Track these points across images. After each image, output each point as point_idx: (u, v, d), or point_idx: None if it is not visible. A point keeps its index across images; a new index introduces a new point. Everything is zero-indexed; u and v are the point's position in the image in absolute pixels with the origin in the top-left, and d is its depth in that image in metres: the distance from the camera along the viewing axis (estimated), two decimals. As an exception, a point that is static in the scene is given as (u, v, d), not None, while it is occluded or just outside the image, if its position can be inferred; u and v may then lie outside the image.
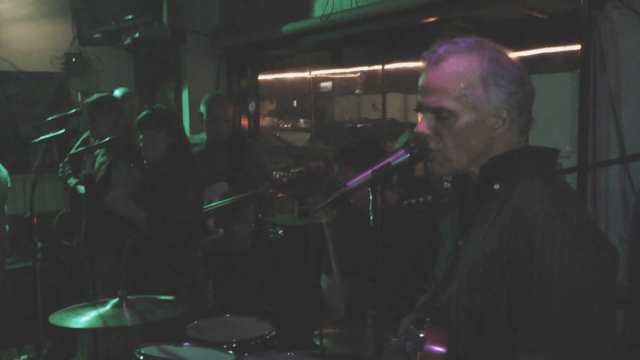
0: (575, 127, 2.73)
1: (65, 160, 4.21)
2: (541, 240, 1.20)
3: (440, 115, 1.36)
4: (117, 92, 4.60)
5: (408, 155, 1.36)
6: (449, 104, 1.34)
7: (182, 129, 3.24)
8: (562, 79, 2.93)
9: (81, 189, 4.00)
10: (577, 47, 2.83)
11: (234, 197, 3.68)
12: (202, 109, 3.93)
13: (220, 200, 3.71)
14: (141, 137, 3.08)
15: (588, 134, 2.67)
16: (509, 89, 1.33)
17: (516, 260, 1.23)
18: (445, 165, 1.39)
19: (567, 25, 3.24)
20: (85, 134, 4.29)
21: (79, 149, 3.42)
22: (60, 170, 4.27)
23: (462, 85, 1.33)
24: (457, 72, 1.33)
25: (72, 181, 4.10)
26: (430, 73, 1.37)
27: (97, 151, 3.69)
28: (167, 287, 2.95)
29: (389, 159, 1.36)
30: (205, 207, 3.51)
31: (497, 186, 1.34)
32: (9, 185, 4.62)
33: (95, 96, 3.91)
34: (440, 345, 1.34)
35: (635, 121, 2.57)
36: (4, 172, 4.57)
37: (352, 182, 1.36)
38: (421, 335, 1.35)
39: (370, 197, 1.38)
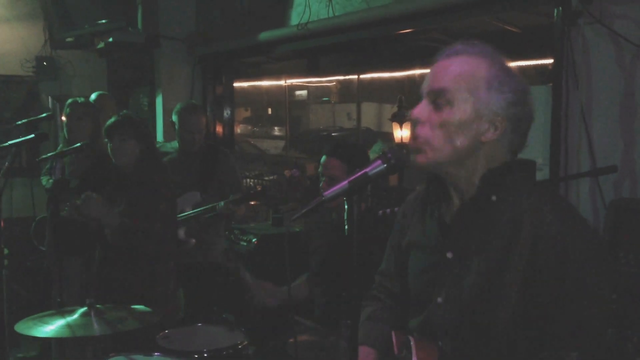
0: (547, 139, 2.77)
1: (47, 166, 4.14)
2: (573, 256, 1.28)
3: (438, 101, 1.37)
4: (93, 96, 4.54)
5: (385, 165, 1.36)
6: (450, 91, 1.36)
7: (151, 136, 3.20)
8: (534, 92, 2.96)
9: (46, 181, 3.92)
10: (550, 60, 2.88)
11: (196, 210, 3.64)
12: (174, 118, 3.88)
13: (192, 209, 3.67)
14: (110, 144, 3.04)
15: (560, 146, 2.71)
16: (510, 99, 1.35)
17: (549, 275, 1.28)
18: (429, 155, 1.38)
19: (540, 39, 3.30)
20: (60, 147, 4.20)
21: (49, 154, 3.35)
22: (45, 177, 4.17)
23: (468, 80, 1.36)
24: (465, 68, 1.37)
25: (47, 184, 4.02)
26: (441, 63, 1.41)
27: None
28: (140, 297, 2.90)
29: (367, 169, 1.36)
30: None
31: (494, 198, 1.36)
32: None
33: (80, 98, 3.86)
34: (431, 354, 1.35)
35: (606, 135, 2.62)
36: None
37: (329, 192, 1.36)
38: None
39: (346, 207, 1.38)
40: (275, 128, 12.10)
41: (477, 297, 1.34)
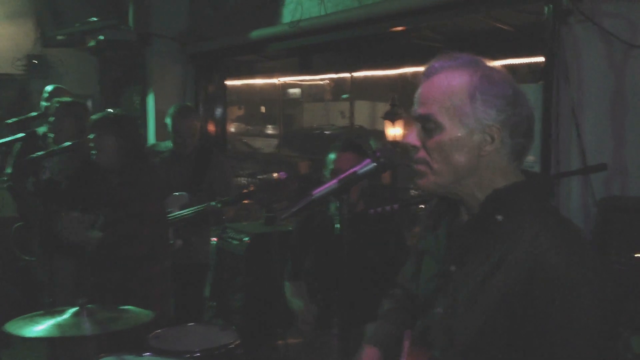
0: (538, 137, 2.78)
1: (8, 171, 4.13)
2: (564, 295, 1.21)
3: (427, 125, 1.35)
4: (49, 88, 4.52)
5: (375, 164, 1.35)
6: (435, 115, 1.34)
7: (136, 134, 3.08)
8: (526, 90, 2.96)
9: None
10: (541, 59, 2.89)
11: (187, 210, 3.62)
12: (167, 120, 3.87)
13: (180, 210, 3.65)
14: (91, 138, 3.01)
15: (551, 144, 2.72)
16: (497, 106, 1.31)
17: (535, 310, 1.23)
18: (430, 179, 1.37)
19: (531, 38, 3.31)
20: (16, 147, 4.20)
21: (38, 154, 3.32)
22: (6, 180, 4.17)
23: (450, 98, 1.33)
24: (447, 85, 1.34)
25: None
26: (423, 85, 1.38)
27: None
28: (137, 298, 2.88)
29: (355, 168, 1.36)
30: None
31: (500, 217, 1.33)
32: None
33: (66, 97, 3.82)
34: None
35: (597, 132, 2.62)
36: None
37: (318, 191, 1.36)
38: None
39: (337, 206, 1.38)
40: (269, 126, 12.07)
41: (466, 314, 1.34)
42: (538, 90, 2.84)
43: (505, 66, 1.43)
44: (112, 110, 3.08)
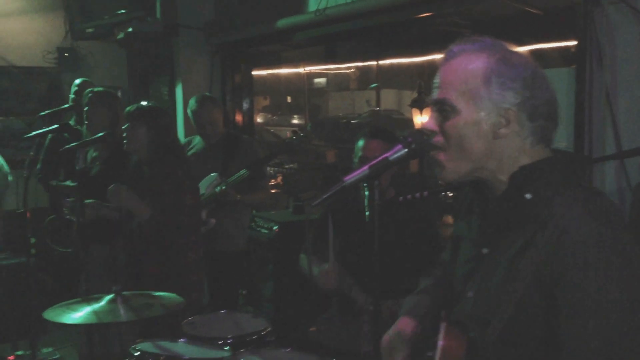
0: (571, 122, 2.74)
1: (38, 167, 4.26)
2: (593, 268, 1.17)
3: (443, 109, 1.35)
4: (77, 81, 4.65)
5: (406, 150, 1.35)
6: (452, 98, 1.33)
7: (168, 128, 3.13)
8: (558, 74, 2.93)
9: (68, 182, 4.02)
10: (573, 42, 2.84)
11: (220, 186, 3.68)
12: (189, 113, 3.94)
13: (212, 190, 3.71)
14: (124, 128, 3.09)
15: (584, 129, 2.68)
16: (514, 89, 1.30)
17: (562, 287, 1.20)
18: (449, 166, 1.37)
19: (562, 21, 3.25)
20: (47, 140, 4.31)
21: (72, 144, 3.39)
22: (38, 172, 4.33)
23: (465, 81, 1.32)
24: (464, 68, 1.33)
25: (53, 182, 4.14)
26: (442, 69, 1.39)
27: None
28: (164, 287, 2.93)
29: (387, 154, 1.35)
30: None
31: (528, 196, 1.30)
32: (10, 179, 4.63)
33: (99, 88, 3.91)
34: (459, 344, 1.34)
35: (631, 116, 2.57)
36: (6, 167, 4.60)
37: (349, 177, 1.35)
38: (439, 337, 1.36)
39: (367, 193, 1.38)
40: (295, 116, 12.09)
41: (497, 298, 1.31)
42: (570, 74, 2.79)
43: (536, 51, 1.40)
44: (146, 103, 3.15)
